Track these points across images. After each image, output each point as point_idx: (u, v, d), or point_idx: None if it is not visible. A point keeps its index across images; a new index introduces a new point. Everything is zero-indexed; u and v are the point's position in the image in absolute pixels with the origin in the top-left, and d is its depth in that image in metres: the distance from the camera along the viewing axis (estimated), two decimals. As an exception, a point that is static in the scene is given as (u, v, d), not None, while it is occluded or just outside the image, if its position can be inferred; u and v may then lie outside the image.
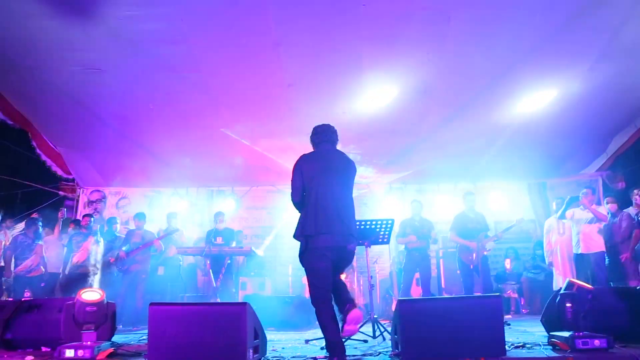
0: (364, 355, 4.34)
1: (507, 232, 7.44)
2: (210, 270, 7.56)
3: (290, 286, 9.06)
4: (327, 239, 3.85)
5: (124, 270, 7.75)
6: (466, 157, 8.99)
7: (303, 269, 4.00)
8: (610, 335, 3.99)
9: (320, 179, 4.00)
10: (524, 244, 9.87)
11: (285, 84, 6.91)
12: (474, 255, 7.16)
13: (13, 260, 7.69)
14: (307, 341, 5.40)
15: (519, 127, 7.94)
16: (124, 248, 7.81)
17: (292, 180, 4.10)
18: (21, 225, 8.48)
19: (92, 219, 8.27)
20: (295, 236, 4.00)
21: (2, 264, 7.79)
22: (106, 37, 5.92)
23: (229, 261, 7.88)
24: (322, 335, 4.02)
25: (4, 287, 8.13)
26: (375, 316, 5.58)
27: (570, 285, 4.46)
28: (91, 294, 4.41)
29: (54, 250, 8.02)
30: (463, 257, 7.37)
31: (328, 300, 3.85)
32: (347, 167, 4.20)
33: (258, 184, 10.22)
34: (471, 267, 7.21)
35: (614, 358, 3.83)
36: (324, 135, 4.28)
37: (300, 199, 4.08)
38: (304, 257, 3.95)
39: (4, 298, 7.97)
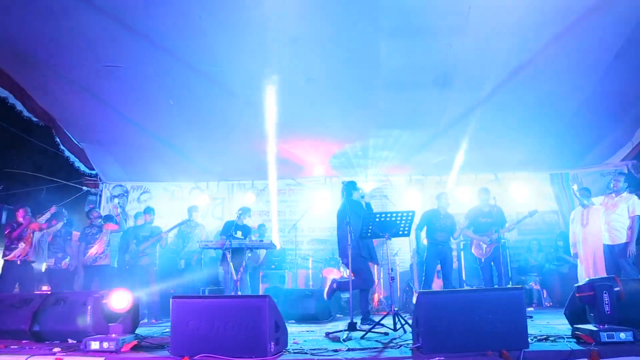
0: (385, 347, 4.34)
1: (520, 224, 7.46)
2: (231, 264, 7.61)
3: (310, 279, 9.09)
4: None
5: (133, 264, 7.89)
6: (487, 148, 8.88)
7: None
8: (636, 328, 3.92)
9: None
10: (547, 236, 9.73)
11: (304, 78, 6.89)
12: (484, 249, 7.25)
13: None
14: (327, 334, 5.42)
15: (542, 116, 7.82)
16: (133, 241, 7.97)
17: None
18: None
19: (97, 210, 8.62)
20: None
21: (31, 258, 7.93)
22: (125, 34, 5.99)
23: (249, 254, 7.93)
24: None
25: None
26: (395, 309, 5.56)
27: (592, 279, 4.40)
28: (119, 301, 4.50)
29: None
30: (474, 251, 7.55)
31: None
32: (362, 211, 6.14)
33: (278, 177, 10.25)
34: (482, 260, 7.33)
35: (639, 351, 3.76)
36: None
37: None
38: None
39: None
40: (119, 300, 4.48)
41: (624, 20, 5.85)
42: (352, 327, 5.25)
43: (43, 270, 8.13)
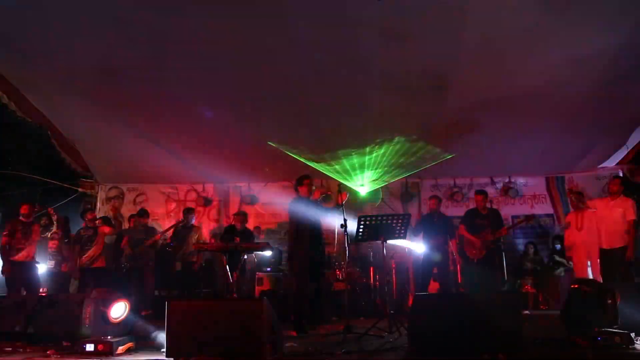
0: (380, 350, 4.34)
1: (515, 227, 7.48)
2: (227, 266, 7.59)
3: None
4: None
5: (129, 266, 7.88)
6: (483, 151, 8.89)
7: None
8: (632, 331, 3.94)
9: None
10: (542, 239, 9.76)
11: (300, 82, 6.90)
12: (478, 250, 7.27)
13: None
14: (323, 336, 5.41)
15: (537, 119, 7.84)
16: (129, 243, 7.99)
17: None
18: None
19: (92, 212, 8.67)
20: None
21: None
22: (117, 35, 5.98)
23: (245, 256, 7.91)
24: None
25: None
26: (391, 311, 5.56)
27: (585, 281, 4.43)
28: (118, 310, 4.72)
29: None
30: (468, 251, 7.57)
31: None
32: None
33: (274, 179, 10.23)
34: (475, 261, 7.35)
35: (634, 355, 3.77)
36: None
37: None
38: None
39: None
40: (118, 310, 4.72)
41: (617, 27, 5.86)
42: (348, 329, 5.25)
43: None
